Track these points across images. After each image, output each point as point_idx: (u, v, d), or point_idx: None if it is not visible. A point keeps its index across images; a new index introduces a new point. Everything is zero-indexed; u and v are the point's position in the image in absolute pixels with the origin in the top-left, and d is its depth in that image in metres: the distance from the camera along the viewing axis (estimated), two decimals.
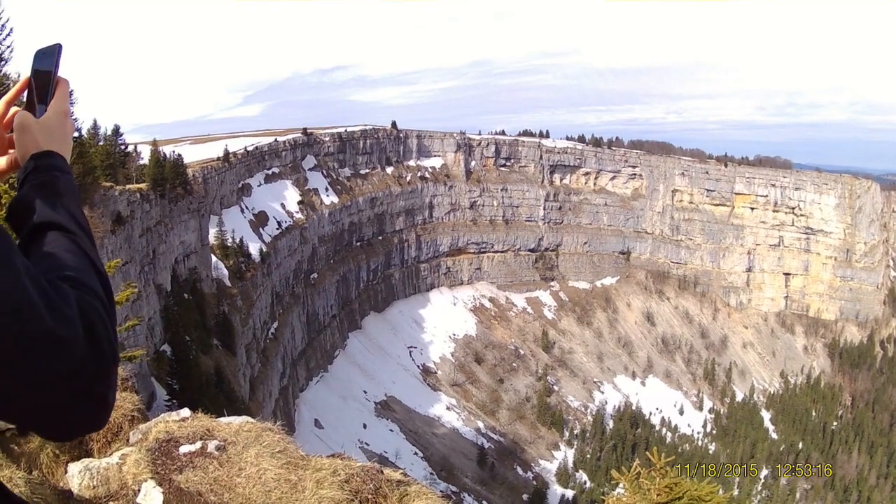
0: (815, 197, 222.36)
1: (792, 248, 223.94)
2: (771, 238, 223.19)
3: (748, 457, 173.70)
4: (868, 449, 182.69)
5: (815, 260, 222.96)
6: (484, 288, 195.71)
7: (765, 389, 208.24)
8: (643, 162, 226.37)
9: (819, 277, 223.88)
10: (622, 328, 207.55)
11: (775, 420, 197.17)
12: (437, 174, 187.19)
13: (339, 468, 6.66)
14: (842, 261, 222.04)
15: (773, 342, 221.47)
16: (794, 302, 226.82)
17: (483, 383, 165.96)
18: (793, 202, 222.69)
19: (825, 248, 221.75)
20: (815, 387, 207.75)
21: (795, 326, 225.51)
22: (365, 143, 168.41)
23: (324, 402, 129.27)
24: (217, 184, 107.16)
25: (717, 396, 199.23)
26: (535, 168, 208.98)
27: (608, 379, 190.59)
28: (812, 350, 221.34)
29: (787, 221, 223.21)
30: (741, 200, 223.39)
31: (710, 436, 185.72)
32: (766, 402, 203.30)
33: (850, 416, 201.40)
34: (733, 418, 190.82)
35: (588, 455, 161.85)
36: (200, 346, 74.81)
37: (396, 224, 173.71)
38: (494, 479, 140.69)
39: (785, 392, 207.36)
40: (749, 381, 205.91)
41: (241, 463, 6.64)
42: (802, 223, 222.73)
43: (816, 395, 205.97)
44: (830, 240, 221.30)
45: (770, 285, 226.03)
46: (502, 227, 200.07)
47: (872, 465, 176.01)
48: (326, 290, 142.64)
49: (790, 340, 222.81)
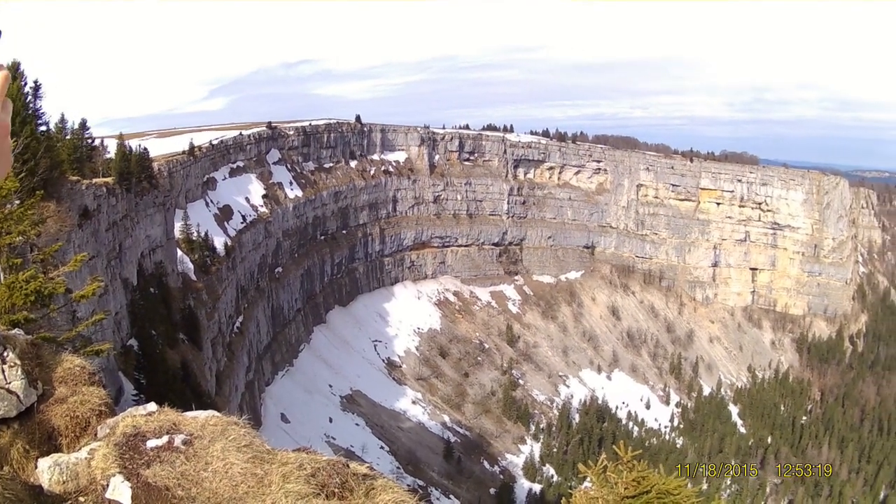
0: (782, 192, 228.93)
1: (758, 243, 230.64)
2: (737, 233, 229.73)
3: (717, 451, 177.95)
4: (839, 444, 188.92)
5: (783, 255, 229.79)
6: (448, 282, 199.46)
7: (732, 384, 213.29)
8: (608, 157, 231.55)
9: (786, 272, 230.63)
10: (587, 322, 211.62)
11: (743, 414, 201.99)
12: (400, 168, 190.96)
13: (305, 462, 7.03)
14: (809, 256, 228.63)
15: (739, 337, 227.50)
16: (761, 297, 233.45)
17: (448, 377, 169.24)
18: (759, 197, 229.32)
19: (792, 244, 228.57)
20: (783, 381, 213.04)
21: (763, 321, 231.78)
22: (329, 136, 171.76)
23: (290, 397, 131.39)
24: (182, 177, 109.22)
25: (684, 391, 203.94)
26: (499, 162, 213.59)
27: (574, 373, 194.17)
28: (780, 345, 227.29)
29: (753, 217, 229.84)
30: (707, 195, 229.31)
31: (678, 430, 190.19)
32: (733, 397, 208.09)
33: (819, 411, 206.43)
34: (700, 413, 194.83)
35: (555, 449, 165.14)
36: (167, 340, 75.98)
37: (360, 218, 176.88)
38: (461, 473, 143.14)
39: (753, 386, 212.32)
40: (716, 376, 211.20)
41: (208, 457, 7.00)
42: (769, 218, 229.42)
43: (785, 390, 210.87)
44: (798, 235, 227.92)
45: (736, 280, 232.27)
46: (466, 221, 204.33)
47: (843, 459, 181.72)
48: (291, 284, 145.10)
49: (757, 335, 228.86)
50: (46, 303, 17.46)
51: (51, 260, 24.18)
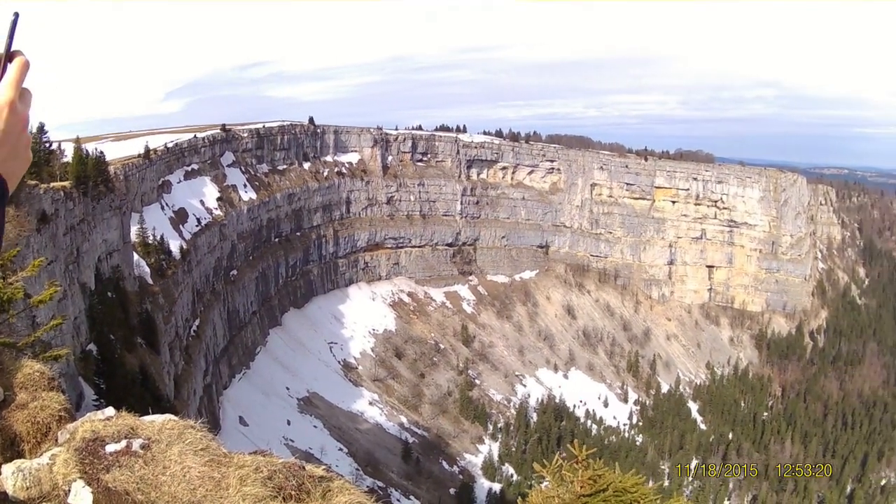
0: (738, 190, 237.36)
1: (715, 240, 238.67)
2: (693, 231, 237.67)
3: (677, 448, 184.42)
4: (802, 438, 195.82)
5: (740, 252, 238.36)
6: (402, 283, 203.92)
7: (691, 381, 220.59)
8: (561, 156, 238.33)
9: (744, 270, 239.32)
10: (542, 321, 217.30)
11: (703, 411, 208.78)
12: (354, 169, 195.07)
13: (261, 465, 7.47)
14: (767, 253, 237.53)
15: (697, 334, 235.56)
16: (719, 294, 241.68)
17: (404, 378, 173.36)
18: (715, 195, 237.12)
19: (749, 241, 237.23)
20: (743, 378, 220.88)
21: (720, 318, 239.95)
22: (282, 138, 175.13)
23: (247, 400, 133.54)
24: (138, 181, 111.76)
25: (642, 388, 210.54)
26: (452, 163, 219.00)
27: (530, 372, 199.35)
28: (738, 341, 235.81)
29: (709, 214, 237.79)
30: (662, 194, 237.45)
31: (637, 428, 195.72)
32: (692, 394, 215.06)
33: (781, 407, 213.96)
34: (660, 410, 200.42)
35: (513, 448, 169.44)
36: (125, 344, 77.33)
37: (314, 220, 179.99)
38: (420, 473, 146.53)
39: (712, 383, 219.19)
40: (674, 373, 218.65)
41: (166, 461, 7.42)
42: (725, 216, 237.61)
43: (745, 386, 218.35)
44: (755, 232, 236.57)
45: (693, 278, 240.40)
46: (419, 221, 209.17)
47: (807, 454, 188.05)
48: (246, 286, 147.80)
49: (715, 332, 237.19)
50: (6, 308, 18.12)
51: (9, 265, 23.89)
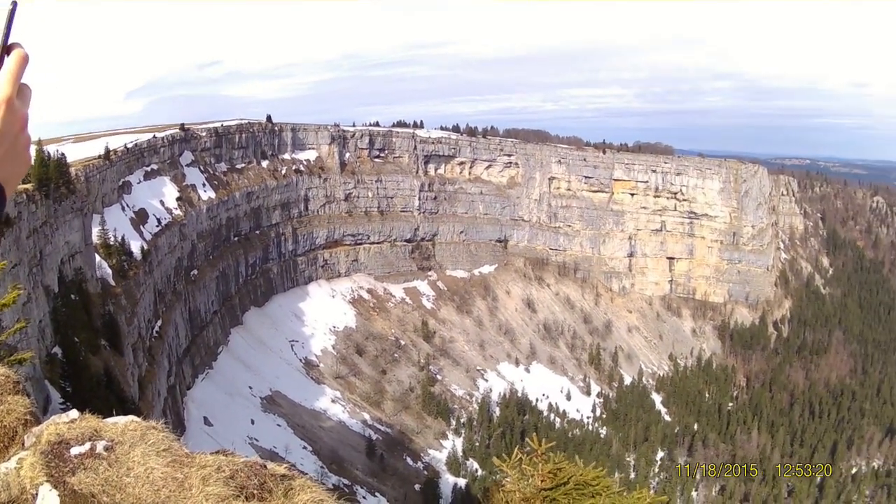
0: (698, 182, 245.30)
1: (675, 232, 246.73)
2: (653, 223, 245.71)
3: (642, 440, 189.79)
4: (768, 428, 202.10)
5: (700, 244, 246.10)
6: (362, 279, 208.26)
7: (654, 373, 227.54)
8: (519, 150, 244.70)
9: (705, 261, 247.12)
10: (503, 316, 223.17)
11: (667, 402, 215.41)
12: (311, 167, 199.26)
13: (223, 464, 7.63)
14: (728, 244, 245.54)
15: (659, 326, 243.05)
16: (680, 285, 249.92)
17: (366, 375, 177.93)
18: (675, 187, 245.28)
19: (710, 232, 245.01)
20: (706, 369, 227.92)
21: (682, 309, 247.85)
22: (240, 137, 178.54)
23: (211, 400, 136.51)
24: (99, 182, 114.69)
25: (605, 381, 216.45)
26: (409, 158, 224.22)
27: (491, 366, 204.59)
28: (701, 332, 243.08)
29: (669, 206, 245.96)
30: (620, 186, 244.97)
31: (601, 420, 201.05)
32: (656, 385, 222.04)
33: (746, 397, 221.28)
34: (623, 402, 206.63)
35: (477, 443, 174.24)
36: (89, 347, 78.75)
37: (273, 218, 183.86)
38: (385, 470, 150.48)
39: (675, 375, 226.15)
40: (637, 365, 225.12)
41: (129, 462, 7.57)
42: (685, 208, 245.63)
43: (709, 377, 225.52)
44: (715, 224, 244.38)
45: (653, 270, 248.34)
46: (378, 218, 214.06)
47: (775, 444, 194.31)
48: (207, 286, 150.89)
49: (677, 323, 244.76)
50: None
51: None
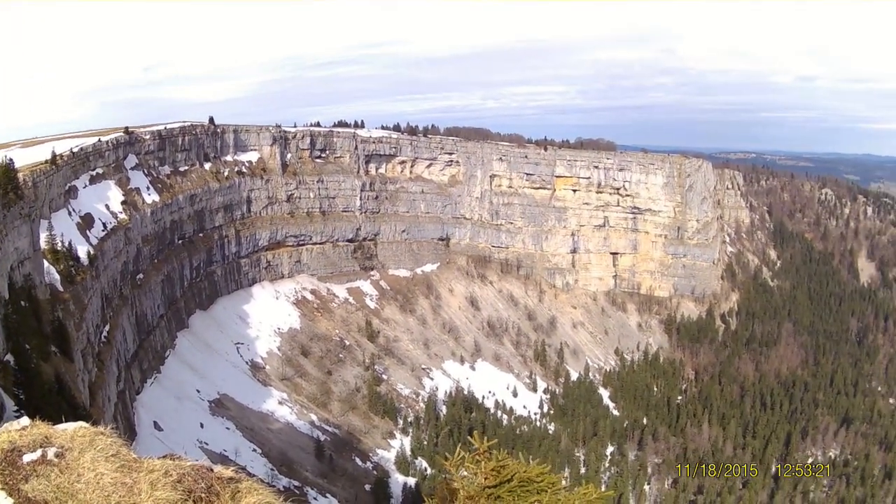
0: (641, 177, 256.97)
1: (618, 227, 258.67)
2: (595, 219, 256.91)
3: (591, 435, 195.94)
4: (719, 421, 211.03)
5: (644, 239, 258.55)
6: (305, 280, 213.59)
7: (600, 368, 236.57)
8: (460, 148, 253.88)
9: (649, 256, 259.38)
10: (446, 314, 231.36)
11: (615, 397, 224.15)
12: (253, 168, 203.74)
13: (170, 469, 8.15)
14: (673, 238, 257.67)
15: (604, 321, 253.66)
16: (624, 280, 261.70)
17: (312, 376, 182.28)
18: (618, 183, 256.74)
19: (654, 227, 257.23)
20: (653, 363, 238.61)
21: (627, 304, 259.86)
22: (184, 139, 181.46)
23: (160, 404, 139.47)
24: (46, 187, 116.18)
25: (551, 377, 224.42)
26: (350, 158, 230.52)
27: (436, 365, 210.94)
28: (647, 327, 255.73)
29: (612, 202, 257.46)
30: (562, 183, 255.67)
31: (549, 416, 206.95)
32: (603, 380, 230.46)
33: (695, 390, 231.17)
34: (570, 398, 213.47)
35: (425, 442, 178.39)
36: (40, 353, 79.15)
37: (216, 220, 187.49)
38: (334, 471, 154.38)
39: (622, 369, 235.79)
40: (583, 361, 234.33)
41: (80, 469, 8.11)
42: (629, 203, 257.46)
43: (656, 371, 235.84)
44: (659, 218, 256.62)
45: (597, 265, 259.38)
46: (319, 218, 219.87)
47: (727, 436, 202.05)
48: (152, 290, 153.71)
49: (623, 318, 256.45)
50: None
51: None
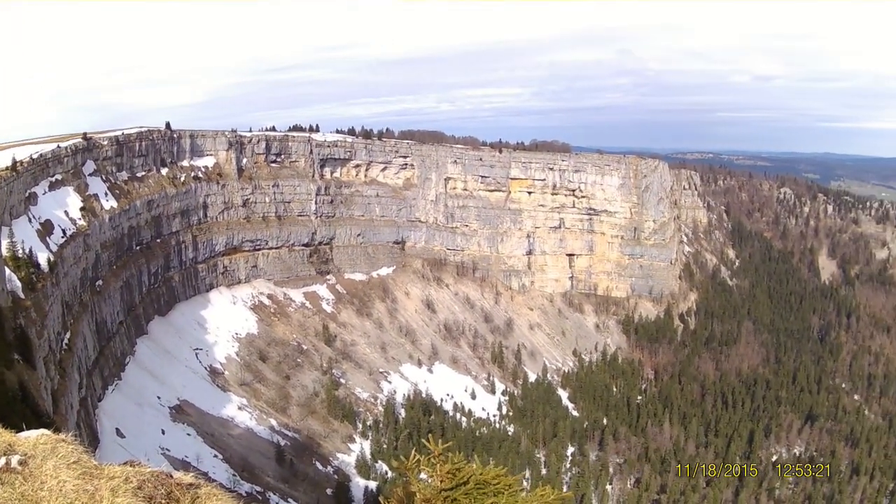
0: (596, 178, 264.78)
1: (574, 229, 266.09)
2: (551, 220, 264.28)
3: (551, 436, 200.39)
4: (680, 420, 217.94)
5: (600, 240, 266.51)
6: (262, 285, 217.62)
7: (558, 369, 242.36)
8: (414, 152, 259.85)
9: (605, 256, 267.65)
10: (403, 317, 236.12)
11: (574, 398, 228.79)
12: (210, 173, 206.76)
13: (130, 475, 8.39)
14: (629, 239, 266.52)
15: (561, 322, 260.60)
16: (581, 281, 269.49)
17: (271, 381, 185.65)
18: (573, 184, 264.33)
19: (610, 228, 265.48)
20: (612, 363, 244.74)
21: (584, 305, 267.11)
22: (140, 145, 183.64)
23: (122, 411, 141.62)
24: (6, 194, 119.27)
25: (509, 379, 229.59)
26: (305, 163, 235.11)
27: (394, 368, 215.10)
28: (605, 327, 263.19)
29: (567, 203, 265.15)
30: (517, 185, 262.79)
31: (508, 418, 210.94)
32: (561, 381, 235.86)
33: (655, 390, 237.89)
34: (529, 399, 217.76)
35: (385, 445, 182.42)
36: (3, 361, 79.93)
37: (173, 225, 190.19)
38: (296, 475, 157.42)
39: (581, 370, 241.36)
40: (540, 362, 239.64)
41: (43, 476, 8.34)
42: (584, 204, 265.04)
43: (615, 371, 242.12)
44: (615, 219, 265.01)
45: (553, 267, 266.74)
46: (275, 223, 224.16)
47: (689, 435, 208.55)
48: (112, 296, 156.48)
49: (580, 319, 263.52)
50: None
51: None
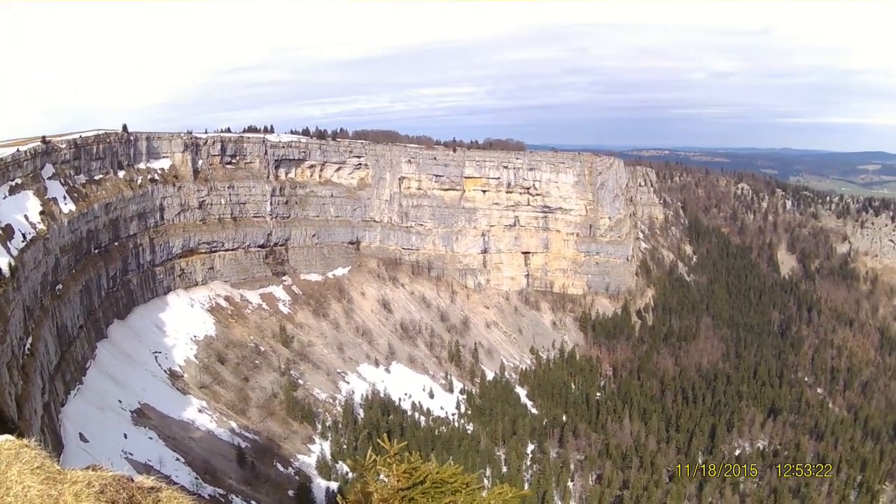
0: (551, 176, 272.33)
1: (529, 227, 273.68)
2: (506, 219, 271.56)
3: (510, 434, 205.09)
4: (641, 416, 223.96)
5: (556, 237, 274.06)
6: (218, 287, 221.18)
7: (516, 367, 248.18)
8: (368, 152, 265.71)
9: (561, 254, 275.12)
10: (359, 317, 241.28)
11: (532, 395, 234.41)
12: (166, 175, 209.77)
13: (92, 480, 8.59)
14: (585, 236, 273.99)
15: (518, 320, 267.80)
16: (537, 279, 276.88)
17: (229, 383, 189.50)
18: (527, 182, 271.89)
19: (565, 226, 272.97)
20: (570, 360, 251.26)
21: (541, 303, 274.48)
22: (98, 148, 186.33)
23: (84, 415, 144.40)
24: None
25: (467, 377, 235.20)
26: (260, 164, 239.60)
27: (351, 368, 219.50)
28: (562, 325, 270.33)
29: (522, 202, 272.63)
30: (472, 184, 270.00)
31: (466, 416, 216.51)
32: (519, 379, 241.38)
33: (614, 386, 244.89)
34: (487, 397, 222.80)
35: (344, 446, 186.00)
36: None
37: (130, 228, 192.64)
38: (258, 477, 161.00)
39: (538, 367, 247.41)
40: (498, 360, 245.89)
41: (8, 482, 8.55)
42: (539, 202, 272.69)
43: (573, 368, 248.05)
44: (570, 217, 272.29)
45: (508, 265, 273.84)
46: (231, 224, 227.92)
47: (649, 430, 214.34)
48: (72, 300, 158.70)
49: (536, 317, 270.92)
50: None
51: None
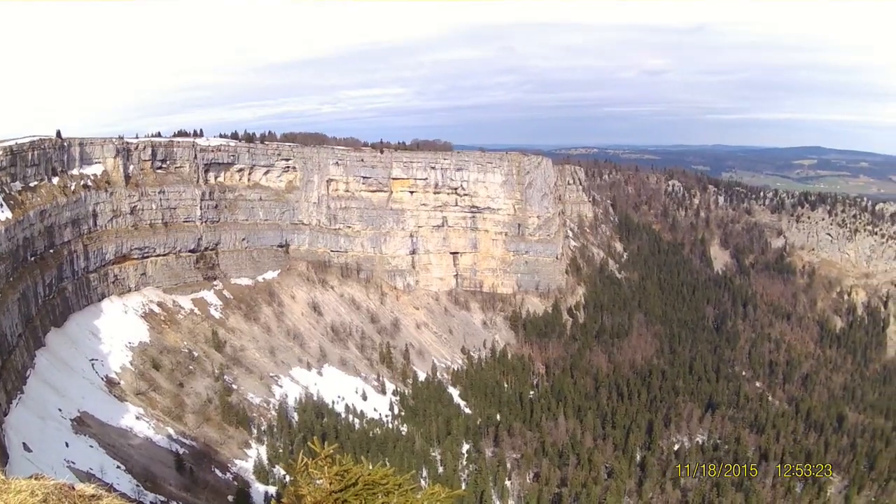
0: (479, 176, 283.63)
1: (457, 227, 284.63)
2: (434, 219, 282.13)
3: (444, 434, 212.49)
4: (575, 413, 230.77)
5: (484, 237, 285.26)
6: (151, 293, 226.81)
7: (448, 367, 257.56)
8: (296, 154, 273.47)
9: (490, 253, 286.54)
10: (290, 321, 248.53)
11: (465, 395, 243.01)
12: (98, 181, 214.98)
13: (35, 489, 9.00)
14: (514, 235, 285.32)
15: (448, 320, 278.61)
16: (466, 279, 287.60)
17: (165, 389, 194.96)
18: (455, 183, 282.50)
19: (494, 225, 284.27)
20: (501, 359, 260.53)
21: (470, 303, 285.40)
22: (33, 154, 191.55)
23: (27, 425, 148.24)
24: None
25: (399, 378, 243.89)
26: (190, 168, 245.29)
27: (284, 372, 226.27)
28: (492, 324, 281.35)
29: (450, 202, 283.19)
30: (399, 185, 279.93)
31: (400, 417, 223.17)
32: (451, 379, 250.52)
33: (547, 384, 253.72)
34: (420, 398, 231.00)
35: (280, 450, 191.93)
36: None
37: (65, 235, 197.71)
38: (197, 483, 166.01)
39: (470, 367, 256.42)
40: (429, 361, 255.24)
41: None
42: (467, 202, 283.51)
43: (505, 367, 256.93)
44: (499, 216, 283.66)
45: (437, 265, 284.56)
46: (162, 230, 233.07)
47: (585, 427, 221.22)
48: (10, 309, 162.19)
49: (467, 317, 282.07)
50: None
51: None
